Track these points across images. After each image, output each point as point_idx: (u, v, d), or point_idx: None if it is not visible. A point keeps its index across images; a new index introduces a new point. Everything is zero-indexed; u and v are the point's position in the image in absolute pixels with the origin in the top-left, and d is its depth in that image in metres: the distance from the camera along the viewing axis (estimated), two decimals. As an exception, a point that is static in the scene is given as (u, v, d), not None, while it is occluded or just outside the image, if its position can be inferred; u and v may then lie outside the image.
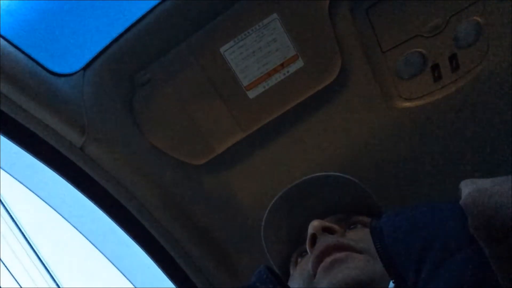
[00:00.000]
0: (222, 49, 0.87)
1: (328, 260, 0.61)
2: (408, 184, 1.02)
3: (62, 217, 1.11)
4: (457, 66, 0.90)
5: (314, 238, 0.67)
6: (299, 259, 0.72)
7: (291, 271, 0.74)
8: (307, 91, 0.92)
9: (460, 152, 1.00)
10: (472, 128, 0.98)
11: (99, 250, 1.15)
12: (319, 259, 0.63)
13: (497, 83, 0.94)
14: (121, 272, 1.20)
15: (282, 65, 0.89)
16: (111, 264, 1.20)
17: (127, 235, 0.99)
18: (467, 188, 0.48)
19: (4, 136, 0.84)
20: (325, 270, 0.61)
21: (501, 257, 0.40)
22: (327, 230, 0.67)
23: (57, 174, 0.91)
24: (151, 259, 1.02)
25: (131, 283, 1.22)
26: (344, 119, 0.96)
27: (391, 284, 0.53)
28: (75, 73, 0.89)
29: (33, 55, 0.84)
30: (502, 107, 0.96)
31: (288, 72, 0.90)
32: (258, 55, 0.88)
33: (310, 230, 0.67)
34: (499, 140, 0.98)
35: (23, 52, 0.83)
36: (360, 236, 0.67)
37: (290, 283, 0.71)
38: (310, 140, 0.98)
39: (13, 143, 0.85)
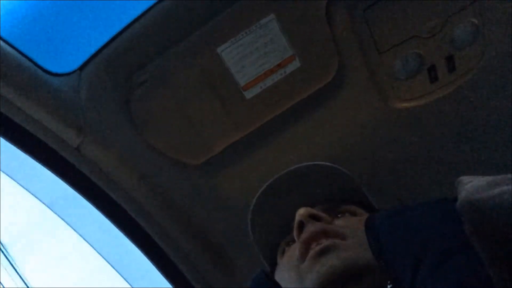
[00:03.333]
0: (219, 49, 0.87)
1: (317, 248, 0.61)
2: (404, 183, 1.02)
3: (59, 217, 1.11)
4: (454, 68, 0.91)
5: (301, 226, 0.66)
6: (286, 248, 0.72)
7: (278, 260, 0.73)
8: (304, 91, 0.92)
9: (456, 152, 1.00)
10: (469, 128, 0.98)
11: (96, 250, 1.15)
12: (306, 246, 0.63)
13: (493, 85, 0.94)
14: (117, 271, 1.21)
15: (279, 65, 0.89)
16: (107, 263, 1.20)
17: (124, 235, 0.99)
18: (463, 188, 0.48)
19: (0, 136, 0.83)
20: (314, 257, 0.61)
21: (496, 261, 0.41)
22: (314, 218, 0.66)
23: (54, 174, 0.91)
24: (148, 258, 1.02)
25: (128, 283, 1.22)
26: (341, 119, 0.97)
27: (389, 287, 0.53)
28: (72, 72, 0.89)
29: (30, 54, 0.84)
30: (498, 108, 0.97)
31: (285, 72, 0.90)
32: (255, 56, 0.88)
33: (297, 217, 0.67)
34: (495, 140, 0.99)
35: (19, 52, 0.82)
36: (348, 223, 0.66)
37: (277, 272, 0.71)
38: (307, 140, 0.98)
39: (9, 142, 0.85)
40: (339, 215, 0.71)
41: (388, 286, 0.52)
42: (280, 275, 0.68)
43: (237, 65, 0.88)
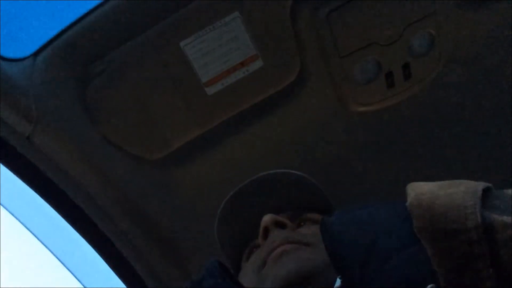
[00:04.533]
0: (182, 44, 0.86)
1: (278, 250, 0.63)
2: (360, 184, 1.05)
3: (7, 210, 1.06)
4: (410, 75, 0.94)
5: (266, 232, 0.68)
6: (251, 254, 0.73)
7: (242, 264, 0.75)
8: (266, 90, 0.93)
9: (412, 156, 1.04)
10: (422, 134, 1.02)
11: (45, 246, 1.10)
12: (269, 252, 0.64)
13: (447, 93, 0.99)
14: (69, 270, 1.16)
15: (242, 63, 0.89)
16: (58, 261, 1.15)
17: (75, 230, 0.95)
18: (413, 191, 0.50)
19: None
20: (274, 260, 0.63)
21: (442, 256, 0.42)
22: (279, 225, 0.69)
23: (2, 163, 0.86)
24: (100, 255, 0.99)
25: (80, 282, 1.18)
26: (301, 119, 0.98)
27: (338, 282, 0.54)
28: (25, 58, 0.85)
29: (-20, 38, 0.80)
30: (451, 116, 1.01)
31: (247, 71, 0.90)
32: (219, 52, 0.88)
33: (263, 223, 0.69)
34: (451, 145, 1.03)
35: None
36: (309, 232, 0.69)
37: (240, 275, 0.72)
38: (267, 139, 0.99)
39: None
40: (302, 224, 0.73)
41: (337, 281, 0.53)
42: (243, 280, 0.70)
43: (200, 61, 0.88)
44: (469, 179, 0.49)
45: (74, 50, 0.84)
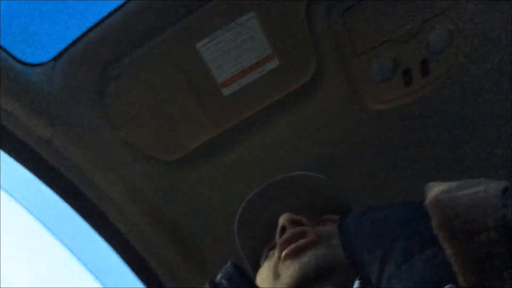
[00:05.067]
0: (198, 45, 0.86)
1: (293, 245, 0.63)
2: (377, 183, 1.04)
3: (29, 212, 1.08)
4: (428, 72, 0.92)
5: (283, 231, 0.68)
6: (270, 253, 0.73)
7: (261, 263, 0.75)
8: (282, 90, 0.93)
9: (428, 155, 1.02)
10: (440, 132, 1.00)
11: (65, 246, 1.12)
12: (285, 246, 0.65)
13: (465, 90, 0.97)
14: (89, 271, 1.18)
15: (257, 63, 0.89)
16: (78, 262, 1.17)
17: (94, 230, 0.97)
18: (431, 190, 0.50)
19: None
20: (289, 255, 0.63)
21: (461, 256, 0.42)
22: (296, 223, 0.69)
23: (23, 166, 0.88)
24: (118, 256, 1.00)
25: (99, 281, 1.20)
26: (318, 119, 0.97)
27: (357, 283, 0.54)
28: (45, 63, 0.87)
29: (2, 43, 0.82)
30: (469, 113, 0.99)
31: (263, 71, 0.90)
32: (234, 53, 0.88)
33: (280, 222, 0.69)
34: (467, 144, 1.01)
35: (-10, 40, 0.80)
36: (327, 229, 0.69)
37: (258, 273, 0.72)
38: (284, 139, 0.98)
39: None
40: (320, 223, 0.73)
41: (356, 283, 0.53)
42: (260, 277, 0.70)
43: (216, 62, 0.88)
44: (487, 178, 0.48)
45: (92, 54, 0.86)
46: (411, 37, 0.88)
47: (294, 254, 0.63)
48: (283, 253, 0.64)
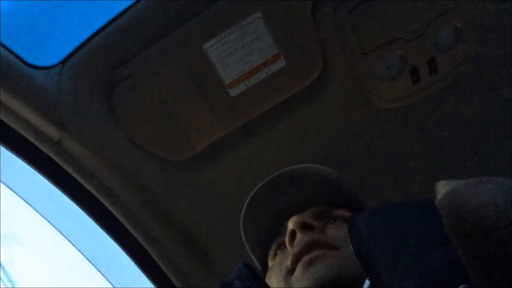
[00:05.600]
0: (205, 46, 0.86)
1: (306, 258, 0.62)
2: (388, 181, 1.04)
3: (39, 213, 1.09)
4: (436, 70, 0.92)
5: (293, 234, 0.67)
6: (278, 251, 0.73)
7: (270, 263, 0.74)
8: (289, 90, 0.93)
9: (437, 152, 1.02)
10: (449, 129, 1.00)
11: (76, 247, 1.13)
12: (298, 258, 0.64)
13: (474, 87, 0.96)
14: (99, 271, 1.19)
15: (264, 64, 0.89)
16: (88, 262, 1.18)
17: (104, 231, 0.97)
18: (443, 188, 0.49)
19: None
20: (303, 268, 0.62)
21: (473, 255, 0.41)
22: (306, 226, 0.68)
23: (33, 168, 0.89)
24: (129, 256, 1.01)
25: (109, 282, 1.20)
26: (325, 118, 0.97)
27: (367, 283, 0.53)
28: (54, 66, 0.87)
29: (11, 46, 0.82)
30: (478, 110, 0.98)
31: (270, 71, 0.90)
32: (241, 53, 0.88)
33: (290, 225, 0.68)
34: (476, 141, 1.01)
35: (1, 44, 0.81)
36: (339, 231, 0.67)
37: (268, 275, 0.71)
38: (291, 139, 0.98)
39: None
40: (331, 221, 0.71)
41: (366, 282, 0.52)
42: (269, 281, 0.69)
43: (223, 62, 0.88)
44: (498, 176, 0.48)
45: (100, 56, 0.86)
46: (418, 35, 0.88)
47: (307, 267, 0.61)
48: (297, 266, 0.63)
